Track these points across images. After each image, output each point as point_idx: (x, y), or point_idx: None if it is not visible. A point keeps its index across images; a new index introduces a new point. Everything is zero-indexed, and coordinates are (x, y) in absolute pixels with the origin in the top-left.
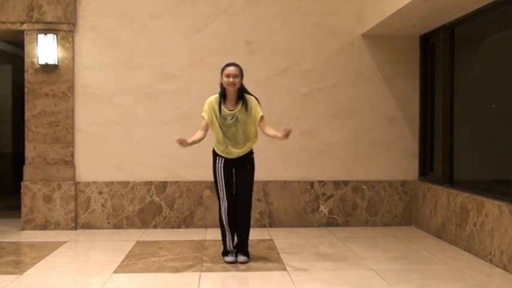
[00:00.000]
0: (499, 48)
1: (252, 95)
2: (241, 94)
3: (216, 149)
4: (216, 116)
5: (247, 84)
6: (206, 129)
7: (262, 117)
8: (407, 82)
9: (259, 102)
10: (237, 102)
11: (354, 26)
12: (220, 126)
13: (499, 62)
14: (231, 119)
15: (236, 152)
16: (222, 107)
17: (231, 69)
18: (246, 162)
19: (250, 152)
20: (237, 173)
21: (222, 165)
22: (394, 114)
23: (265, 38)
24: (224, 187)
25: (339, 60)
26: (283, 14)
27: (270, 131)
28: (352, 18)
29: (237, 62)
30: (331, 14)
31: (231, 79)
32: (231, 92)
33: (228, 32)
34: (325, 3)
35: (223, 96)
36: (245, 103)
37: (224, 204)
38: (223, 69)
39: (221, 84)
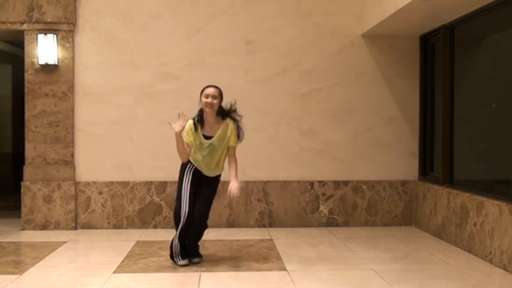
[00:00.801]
0: (499, 48)
1: (233, 119)
2: (221, 117)
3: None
4: (195, 140)
5: (248, 84)
6: (189, 147)
7: (234, 147)
8: (407, 82)
9: (239, 129)
10: (215, 127)
11: (354, 26)
12: (196, 150)
13: (498, 62)
14: (208, 147)
15: (208, 173)
16: (200, 133)
17: (210, 90)
18: (212, 181)
19: (219, 175)
20: (201, 188)
21: (192, 171)
22: (394, 114)
23: (265, 38)
24: (188, 192)
25: (339, 60)
26: (283, 14)
27: (231, 165)
28: (352, 18)
29: (218, 86)
30: (331, 14)
31: (209, 99)
32: (209, 114)
33: (228, 32)
34: (325, 3)
35: (201, 120)
36: (224, 130)
37: (185, 209)
38: (202, 90)
39: (200, 108)
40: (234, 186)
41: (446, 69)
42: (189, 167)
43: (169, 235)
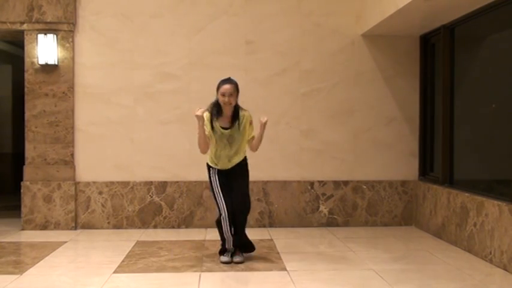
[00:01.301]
0: (499, 48)
1: (246, 111)
2: (236, 111)
3: (209, 162)
4: (214, 133)
5: (248, 84)
6: (209, 139)
7: (253, 137)
8: (407, 82)
9: (251, 120)
10: (231, 119)
11: (354, 26)
12: (215, 142)
13: (499, 62)
14: (227, 138)
15: (229, 165)
16: (217, 125)
17: (226, 88)
18: (240, 168)
19: (244, 159)
20: (233, 178)
21: (216, 175)
22: (394, 114)
23: (265, 38)
24: (222, 196)
25: (339, 60)
26: (283, 14)
27: (254, 142)
28: (352, 18)
29: (232, 78)
30: (331, 14)
31: (226, 98)
32: (227, 110)
33: (228, 32)
34: (325, 3)
35: (219, 112)
36: (239, 121)
37: (224, 213)
38: (218, 87)
39: (217, 100)
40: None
41: (446, 69)
42: (213, 171)
43: (169, 235)
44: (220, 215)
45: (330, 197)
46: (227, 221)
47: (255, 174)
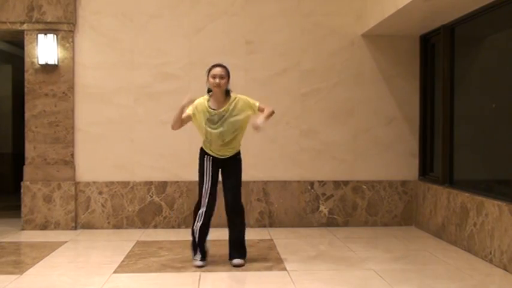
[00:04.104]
0: (499, 48)
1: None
2: (228, 94)
3: (204, 148)
4: (203, 115)
5: (248, 84)
6: (186, 119)
7: (259, 106)
8: (407, 82)
9: (247, 100)
10: (224, 103)
11: (354, 26)
12: (206, 126)
13: (499, 62)
14: (218, 119)
15: (223, 152)
16: (209, 107)
17: (217, 70)
18: (233, 163)
19: (238, 153)
20: (225, 174)
21: (211, 163)
22: (394, 114)
23: (265, 38)
24: (210, 185)
25: (339, 60)
26: (283, 14)
27: (266, 110)
28: (352, 18)
29: (224, 63)
30: (331, 14)
31: (217, 80)
32: (217, 93)
33: (228, 32)
34: (325, 3)
35: (211, 96)
36: (233, 104)
37: (205, 204)
38: (209, 70)
39: (208, 89)
40: (258, 120)
41: (446, 69)
42: (207, 159)
43: (169, 235)
44: (200, 206)
45: (330, 197)
46: (204, 214)
47: (255, 174)
